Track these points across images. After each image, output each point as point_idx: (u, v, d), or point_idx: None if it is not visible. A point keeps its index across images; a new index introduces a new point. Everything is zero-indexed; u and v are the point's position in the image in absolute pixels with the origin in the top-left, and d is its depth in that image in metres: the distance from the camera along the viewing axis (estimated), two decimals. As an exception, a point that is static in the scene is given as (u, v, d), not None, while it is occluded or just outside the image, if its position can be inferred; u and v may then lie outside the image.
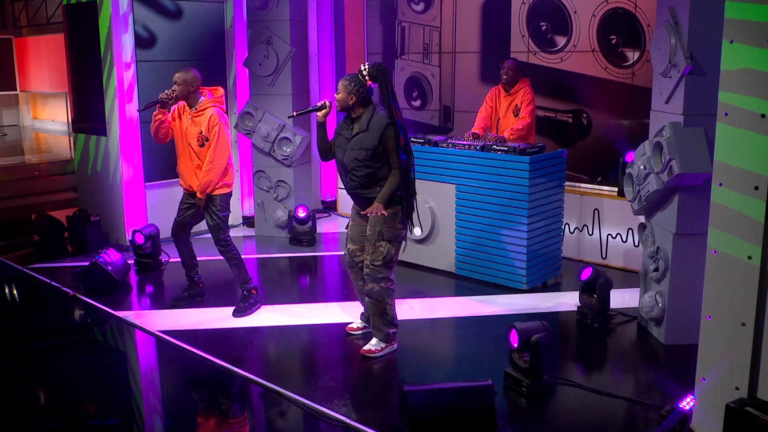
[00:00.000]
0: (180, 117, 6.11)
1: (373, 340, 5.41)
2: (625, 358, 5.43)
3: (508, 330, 4.82)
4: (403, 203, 5.16)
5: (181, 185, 6.30)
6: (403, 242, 5.29)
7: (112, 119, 8.10)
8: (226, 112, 6.13)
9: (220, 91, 6.14)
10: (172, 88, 6.00)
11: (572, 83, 7.62)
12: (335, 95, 5.22)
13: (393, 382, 4.98)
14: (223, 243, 6.17)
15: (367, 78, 5.13)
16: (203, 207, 6.11)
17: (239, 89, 9.24)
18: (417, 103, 9.04)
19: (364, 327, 5.73)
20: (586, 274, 5.95)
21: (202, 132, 5.99)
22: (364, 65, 5.15)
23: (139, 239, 7.50)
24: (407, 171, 5.10)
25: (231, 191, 6.19)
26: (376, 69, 5.10)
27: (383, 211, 5.12)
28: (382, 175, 5.17)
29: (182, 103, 6.10)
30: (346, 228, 5.61)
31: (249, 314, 6.20)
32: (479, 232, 6.85)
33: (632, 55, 7.21)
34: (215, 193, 6.08)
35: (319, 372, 5.29)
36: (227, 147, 6.03)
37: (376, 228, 5.21)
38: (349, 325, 5.78)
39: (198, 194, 6.07)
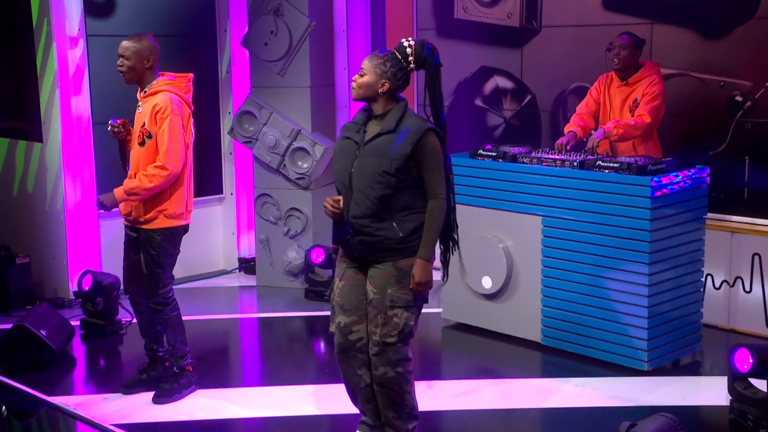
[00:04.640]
0: None
1: None
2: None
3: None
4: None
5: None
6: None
7: (51, 118, 8.13)
8: (191, 105, 6.09)
9: (189, 76, 6.10)
10: (118, 64, 5.90)
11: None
12: (356, 78, 5.06)
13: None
14: (161, 301, 6.03)
15: (412, 60, 5.05)
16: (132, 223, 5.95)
17: (236, 79, 9.34)
18: None
19: None
20: (743, 361, 5.66)
21: (144, 124, 5.93)
22: (409, 40, 5.10)
23: (87, 284, 7.47)
24: (450, 210, 5.22)
25: (183, 226, 6.07)
26: (425, 48, 5.06)
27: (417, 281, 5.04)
28: (402, 205, 5.03)
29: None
30: (327, 294, 5.28)
31: (177, 400, 6.17)
32: (576, 285, 6.80)
33: None
34: (156, 226, 5.93)
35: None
36: (182, 153, 5.88)
37: (386, 290, 5.10)
38: None
39: (121, 191, 5.85)
